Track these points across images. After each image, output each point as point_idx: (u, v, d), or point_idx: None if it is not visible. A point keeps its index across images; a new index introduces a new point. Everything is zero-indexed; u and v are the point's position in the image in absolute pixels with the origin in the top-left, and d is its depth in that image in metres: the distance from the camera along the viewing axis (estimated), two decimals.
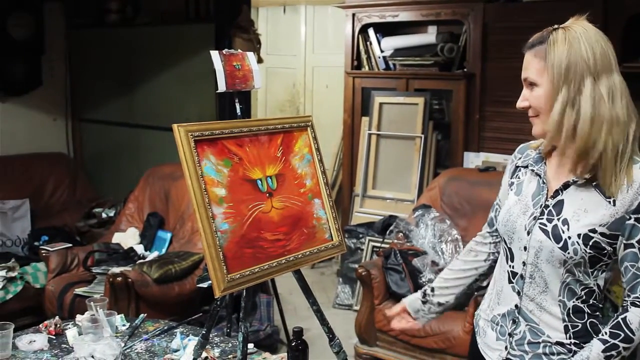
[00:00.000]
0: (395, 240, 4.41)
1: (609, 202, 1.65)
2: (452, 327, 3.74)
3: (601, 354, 1.65)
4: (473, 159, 5.10)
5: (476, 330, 1.98)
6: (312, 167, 2.47)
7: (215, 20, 5.40)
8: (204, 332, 2.37)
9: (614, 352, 1.64)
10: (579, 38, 1.64)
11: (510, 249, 1.82)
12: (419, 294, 2.13)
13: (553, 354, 1.75)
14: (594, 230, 1.65)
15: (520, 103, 1.75)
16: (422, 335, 3.86)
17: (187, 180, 2.05)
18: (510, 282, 1.82)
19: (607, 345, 1.65)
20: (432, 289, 2.09)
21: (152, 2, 5.93)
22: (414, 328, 2.15)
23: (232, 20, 5.36)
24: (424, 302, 2.10)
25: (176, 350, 2.71)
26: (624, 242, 1.65)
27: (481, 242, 2.06)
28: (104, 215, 5.64)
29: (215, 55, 2.35)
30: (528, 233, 1.75)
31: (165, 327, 2.95)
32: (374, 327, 4.10)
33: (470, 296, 3.57)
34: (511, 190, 1.89)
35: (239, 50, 2.46)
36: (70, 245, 4.76)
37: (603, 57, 1.63)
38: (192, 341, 2.70)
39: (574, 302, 1.72)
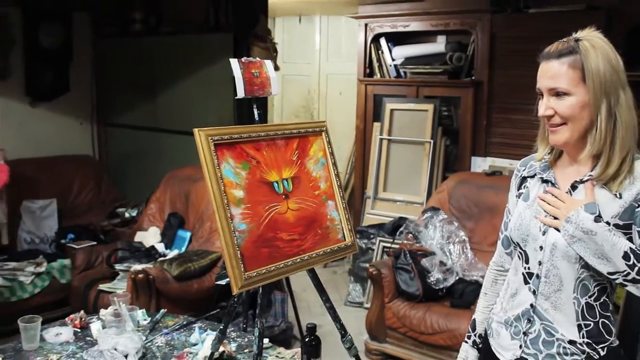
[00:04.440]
0: (405, 241, 4.40)
1: (616, 195, 1.67)
2: (459, 324, 3.73)
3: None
4: (480, 164, 5.08)
5: (489, 332, 1.95)
6: (326, 171, 2.47)
7: (234, 29, 5.40)
8: (221, 327, 2.38)
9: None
10: (605, 49, 1.66)
11: (525, 251, 1.80)
12: (473, 350, 2.03)
13: (567, 354, 1.72)
14: (607, 223, 1.65)
15: (545, 112, 1.71)
16: (429, 332, 3.85)
17: (207, 182, 2.05)
18: (526, 282, 1.80)
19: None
20: (480, 335, 2.02)
21: (174, 13, 5.95)
22: None
23: (250, 30, 5.37)
24: (479, 350, 2.03)
25: (195, 344, 2.72)
26: (637, 229, 1.65)
27: (501, 270, 1.99)
28: (127, 215, 5.65)
29: (234, 63, 2.36)
30: (543, 233, 1.74)
31: (185, 322, 2.96)
32: (384, 324, 4.09)
33: (477, 294, 3.56)
34: (519, 199, 1.87)
35: (257, 58, 2.47)
36: (95, 243, 4.79)
37: (622, 68, 1.68)
38: (210, 336, 2.70)
39: (586, 299, 1.70)
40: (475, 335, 2.03)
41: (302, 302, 4.93)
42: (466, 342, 2.05)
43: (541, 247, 1.75)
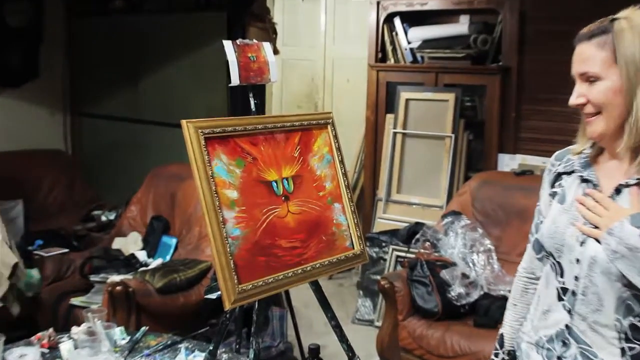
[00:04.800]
0: (422, 250, 4.39)
1: None
2: (484, 346, 3.72)
3: None
4: (508, 162, 5.07)
5: (517, 354, 1.93)
6: (333, 169, 2.47)
7: (228, 7, 5.41)
8: (211, 348, 2.37)
9: None
10: None
11: (559, 262, 1.77)
12: None
13: None
14: None
15: (576, 100, 1.71)
16: (450, 355, 3.84)
17: (196, 181, 2.05)
18: (560, 299, 1.77)
19: None
20: (509, 353, 2.00)
21: None
22: None
23: (246, 8, 5.37)
24: None
25: None
26: None
27: (532, 277, 1.97)
28: (103, 218, 5.66)
29: (228, 45, 2.36)
30: (581, 244, 1.70)
31: (169, 342, 2.96)
32: (397, 345, 4.09)
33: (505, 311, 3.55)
34: (553, 199, 1.84)
35: (254, 41, 2.46)
36: (67, 250, 4.78)
37: None
38: (198, 357, 2.70)
39: (630, 319, 1.66)
40: (503, 352, 2.01)
41: (303, 319, 4.93)
42: (494, 359, 2.03)
43: (578, 260, 1.71)
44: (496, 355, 2.03)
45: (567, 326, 1.76)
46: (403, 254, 4.87)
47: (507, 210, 4.42)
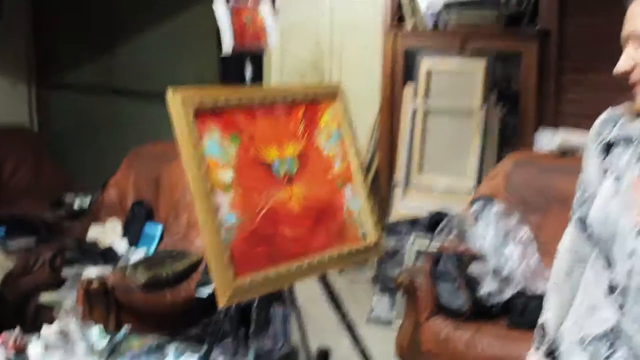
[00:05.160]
0: (447, 241, 4.41)
1: None
2: (519, 350, 3.71)
3: None
4: (548, 139, 5.07)
5: (556, 354, 1.94)
6: (342, 147, 2.49)
7: None
8: (203, 350, 2.40)
9: None
10: None
11: (609, 253, 1.75)
12: None
13: None
14: None
15: (624, 64, 1.69)
16: None
17: (184, 161, 2.07)
18: (609, 295, 1.75)
19: None
20: (552, 344, 1.97)
21: None
22: None
23: None
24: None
25: None
26: None
27: (577, 258, 1.96)
28: (76, 204, 5.69)
29: (220, 7, 2.37)
30: (638, 234, 1.67)
31: (155, 344, 2.98)
32: (419, 349, 4.11)
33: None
34: (607, 177, 1.79)
35: (249, 2, 2.48)
36: (34, 240, 4.81)
37: None
38: None
39: None
40: (546, 342, 1.99)
41: (310, 319, 4.95)
42: (533, 353, 2.02)
43: (633, 253, 1.69)
44: (537, 347, 2.02)
45: (616, 326, 1.74)
46: (425, 246, 4.89)
47: (547, 195, 4.43)
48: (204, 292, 3.73)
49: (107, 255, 4.54)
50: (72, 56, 6.39)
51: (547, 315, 2.02)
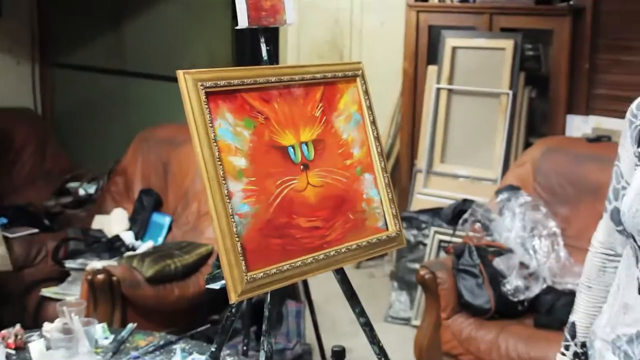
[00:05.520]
0: (471, 233, 4.39)
1: None
2: (547, 351, 3.72)
3: None
4: (580, 125, 5.04)
5: (590, 353, 1.92)
6: (362, 131, 2.47)
7: None
8: (212, 349, 2.39)
9: None
10: None
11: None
12: None
13: None
14: None
15: None
16: None
17: (195, 146, 2.06)
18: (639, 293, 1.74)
19: None
20: (583, 345, 1.98)
21: None
22: None
23: None
24: None
25: None
26: None
27: (611, 254, 1.94)
28: (81, 191, 5.69)
29: None
30: None
31: (162, 342, 2.98)
32: (439, 348, 4.10)
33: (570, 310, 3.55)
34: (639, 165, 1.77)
35: None
36: (37, 230, 4.81)
37: None
38: None
39: None
40: (575, 344, 1.99)
41: (325, 316, 4.96)
42: (563, 354, 2.01)
43: None
44: (566, 347, 2.01)
45: None
46: (447, 238, 4.87)
47: (578, 185, 4.40)
48: (214, 286, 3.71)
49: (113, 247, 4.54)
50: (78, 34, 6.39)
51: (578, 314, 2.01)
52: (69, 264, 4.38)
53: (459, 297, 4.05)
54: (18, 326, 2.98)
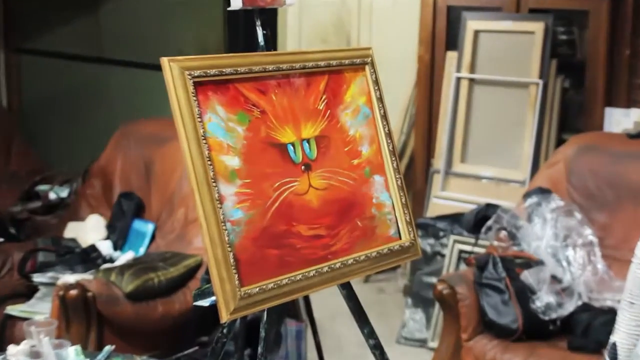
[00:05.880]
0: (496, 243, 4.39)
1: None
2: None
3: None
4: (620, 119, 5.04)
5: None
6: (372, 127, 2.47)
7: None
8: None
9: None
10: None
11: None
12: None
13: None
14: None
15: None
16: None
17: (181, 143, 2.06)
18: None
19: None
20: None
21: None
22: None
23: None
24: None
25: None
26: None
27: None
28: (52, 195, 5.69)
29: None
30: None
31: None
32: None
33: (612, 330, 3.55)
34: None
35: None
36: (1, 240, 4.82)
37: None
38: None
39: None
40: None
41: (329, 337, 4.96)
42: None
43: None
44: None
45: None
46: (469, 248, 4.87)
47: (618, 187, 4.40)
48: (203, 303, 3.71)
49: (88, 258, 4.53)
50: (49, 17, 6.39)
51: (620, 334, 2.02)
52: (38, 278, 4.38)
53: (482, 315, 4.05)
54: None
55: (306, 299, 4.08)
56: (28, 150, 6.20)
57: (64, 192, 5.66)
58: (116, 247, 4.69)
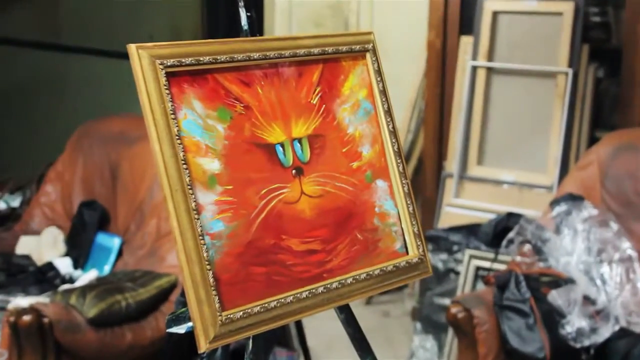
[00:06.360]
0: (519, 258, 4.40)
1: None
2: None
3: None
4: None
5: None
6: (374, 124, 2.47)
7: None
8: None
9: None
10: None
11: None
12: None
13: None
14: None
15: None
16: None
17: (152, 144, 2.06)
18: None
19: None
20: None
21: None
22: None
23: None
24: None
25: None
26: None
27: None
28: (1, 205, 5.70)
29: None
30: None
31: None
32: None
33: None
34: None
35: None
36: None
37: None
38: None
39: None
40: None
41: None
42: None
43: None
44: None
45: None
46: (487, 264, 4.88)
47: None
48: (179, 330, 3.72)
49: (44, 278, 4.54)
50: None
51: None
52: None
53: (503, 342, 4.06)
54: None
55: (298, 325, 4.09)
56: None
57: (16, 201, 5.67)
58: (77, 265, 4.70)
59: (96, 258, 4.70)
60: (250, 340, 2.21)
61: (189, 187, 2.05)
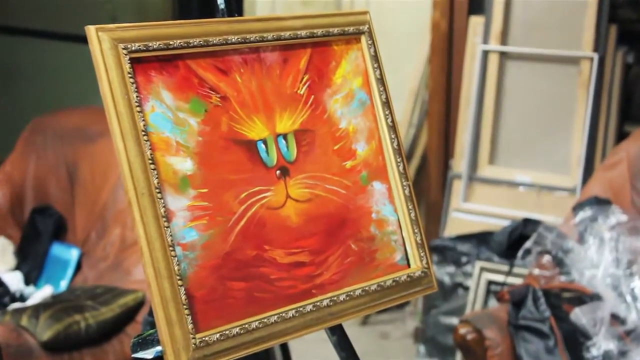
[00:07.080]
0: (537, 271, 4.41)
1: None
2: None
3: None
4: None
5: None
6: (371, 118, 2.47)
7: None
8: None
9: None
10: None
11: None
12: None
13: None
14: None
15: None
16: None
17: (115, 141, 2.05)
18: None
19: None
20: None
21: None
22: None
23: None
24: None
25: None
26: None
27: None
28: None
29: None
30: None
31: None
32: None
33: None
34: None
35: None
36: None
37: None
38: None
39: None
40: None
41: None
42: None
43: None
44: None
45: None
46: (500, 278, 4.89)
47: None
48: (146, 355, 3.73)
49: None
50: None
51: None
52: None
53: None
54: None
55: (284, 348, 4.09)
56: None
57: None
58: (29, 280, 4.70)
59: (51, 272, 4.70)
60: None
61: (157, 190, 2.04)
